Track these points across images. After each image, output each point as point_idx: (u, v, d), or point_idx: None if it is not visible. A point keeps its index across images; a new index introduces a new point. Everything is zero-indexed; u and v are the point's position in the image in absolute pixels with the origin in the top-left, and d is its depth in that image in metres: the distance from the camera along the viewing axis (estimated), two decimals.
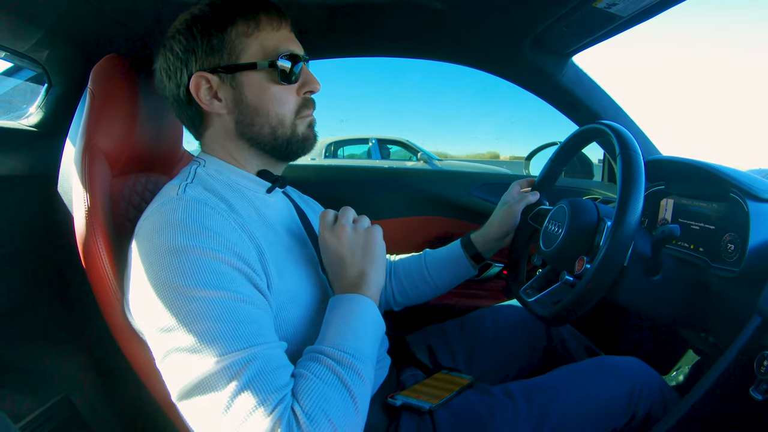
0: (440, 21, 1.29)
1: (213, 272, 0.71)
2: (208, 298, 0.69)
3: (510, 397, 0.97)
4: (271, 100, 0.87)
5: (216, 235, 0.74)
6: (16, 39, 1.07)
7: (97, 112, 0.94)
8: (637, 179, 0.88)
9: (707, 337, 1.08)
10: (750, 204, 0.98)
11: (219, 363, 0.65)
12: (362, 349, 0.77)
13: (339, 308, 0.83)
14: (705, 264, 1.06)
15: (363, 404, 0.73)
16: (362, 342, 0.79)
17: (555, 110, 1.64)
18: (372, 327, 0.83)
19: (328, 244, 0.90)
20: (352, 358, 0.75)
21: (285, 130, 0.90)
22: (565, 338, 1.30)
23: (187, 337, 0.67)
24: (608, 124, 1.01)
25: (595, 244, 0.99)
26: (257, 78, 0.86)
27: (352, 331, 0.79)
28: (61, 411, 1.04)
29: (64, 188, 1.01)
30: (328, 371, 0.72)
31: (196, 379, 0.66)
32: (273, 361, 0.70)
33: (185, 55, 0.85)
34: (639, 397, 0.97)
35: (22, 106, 1.30)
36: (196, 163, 0.91)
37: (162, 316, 0.69)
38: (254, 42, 0.86)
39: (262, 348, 0.69)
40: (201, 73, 0.85)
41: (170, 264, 0.70)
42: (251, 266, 0.76)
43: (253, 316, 0.71)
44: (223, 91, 0.86)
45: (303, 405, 0.67)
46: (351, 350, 0.76)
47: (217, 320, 0.68)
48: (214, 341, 0.66)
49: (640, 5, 1.09)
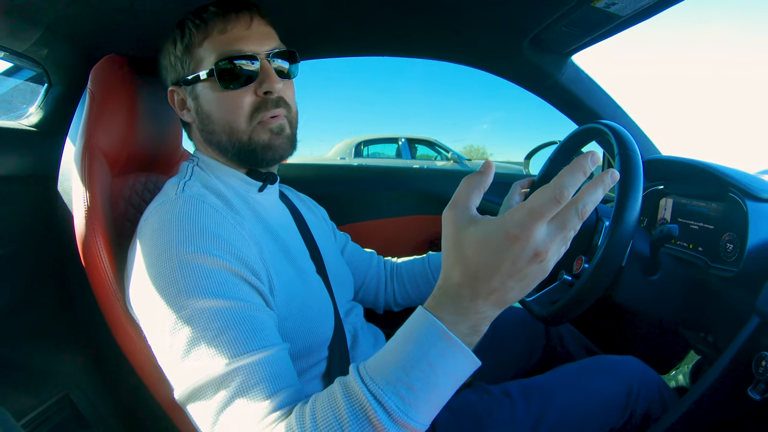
0: (439, 20, 1.29)
1: (208, 279, 0.70)
2: (204, 306, 0.68)
3: (508, 396, 0.98)
4: (220, 108, 0.87)
5: (215, 237, 0.74)
6: (16, 39, 1.07)
7: (97, 112, 0.94)
8: (636, 180, 0.88)
9: (706, 337, 1.08)
10: (749, 204, 0.98)
11: (224, 368, 0.65)
12: (415, 408, 0.56)
13: (415, 334, 0.59)
14: (704, 264, 1.06)
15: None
16: (423, 398, 0.57)
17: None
18: (449, 385, 0.59)
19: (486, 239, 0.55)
20: (386, 419, 0.56)
21: (240, 136, 0.87)
22: (565, 338, 1.30)
23: (182, 344, 0.67)
24: (607, 124, 1.01)
25: (593, 244, 0.99)
26: (206, 87, 0.87)
27: (414, 378, 0.56)
28: (61, 410, 1.04)
29: (63, 188, 1.01)
30: (361, 411, 0.57)
31: (200, 383, 0.66)
32: (269, 366, 0.67)
33: (165, 72, 0.93)
34: (637, 396, 0.98)
35: (22, 106, 1.30)
36: (192, 161, 0.92)
37: (159, 320, 0.69)
38: (207, 49, 0.85)
39: (257, 354, 0.67)
40: (172, 87, 0.91)
41: (167, 268, 0.70)
42: (253, 269, 0.76)
43: (250, 320, 0.70)
44: (189, 102, 0.91)
45: (316, 412, 0.59)
46: (396, 408, 0.55)
47: (216, 329, 0.67)
48: (214, 347, 0.66)
49: (639, 5, 1.09)
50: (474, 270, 0.55)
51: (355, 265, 1.24)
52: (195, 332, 0.67)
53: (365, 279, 1.26)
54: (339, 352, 0.92)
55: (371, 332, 1.09)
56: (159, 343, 0.71)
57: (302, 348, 0.84)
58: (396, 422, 0.55)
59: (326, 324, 0.91)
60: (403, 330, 0.60)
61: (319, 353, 0.89)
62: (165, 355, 0.70)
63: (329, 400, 0.59)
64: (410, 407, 0.56)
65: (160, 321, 0.69)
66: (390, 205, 1.84)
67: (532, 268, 0.54)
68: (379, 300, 1.28)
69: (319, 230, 1.10)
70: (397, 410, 0.55)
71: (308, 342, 0.86)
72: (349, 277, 1.13)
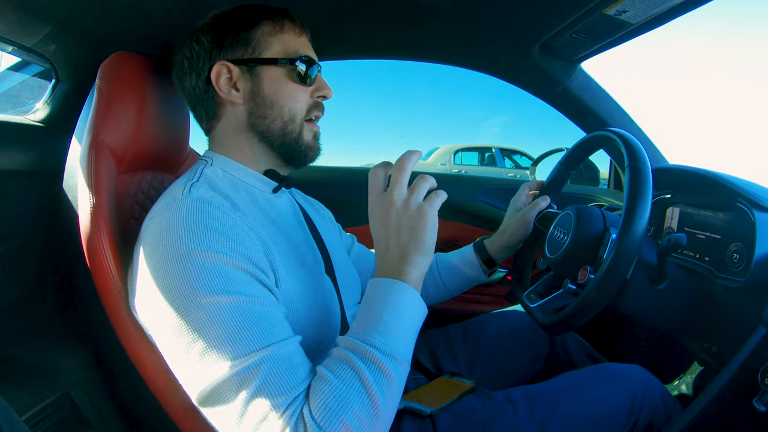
0: (449, 24, 1.29)
1: (220, 276, 0.71)
2: (216, 303, 0.69)
3: (512, 403, 0.97)
4: (286, 95, 0.91)
5: (221, 235, 0.74)
6: (24, 34, 1.07)
7: (104, 109, 0.94)
8: (645, 193, 0.88)
9: (711, 347, 1.08)
10: (756, 214, 0.98)
11: (231, 369, 0.66)
12: (393, 344, 0.72)
13: (374, 295, 0.77)
14: (710, 274, 1.05)
15: (386, 406, 0.69)
16: (394, 336, 0.72)
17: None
18: (408, 319, 0.76)
19: (374, 214, 0.82)
20: (379, 354, 0.70)
21: (294, 127, 0.92)
22: (569, 345, 1.29)
23: (198, 343, 0.68)
24: (619, 133, 1.01)
25: (599, 256, 0.98)
26: (276, 73, 0.91)
27: (383, 324, 0.73)
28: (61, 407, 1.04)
29: (69, 185, 1.00)
30: (350, 369, 0.69)
31: (211, 385, 0.67)
32: (285, 360, 0.69)
33: (211, 46, 0.90)
34: (641, 405, 0.97)
35: (29, 102, 1.30)
36: (203, 162, 0.92)
37: (171, 321, 0.69)
38: (277, 42, 0.91)
39: (274, 348, 0.69)
40: (224, 62, 0.89)
41: (177, 268, 0.70)
42: (258, 265, 0.76)
43: (264, 315, 0.71)
44: (242, 82, 0.90)
45: (314, 407, 0.65)
46: (380, 345, 0.71)
47: (227, 325, 0.68)
48: (224, 346, 0.67)
49: (650, 13, 1.09)
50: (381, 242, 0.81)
51: (362, 266, 1.25)
52: (211, 330, 0.68)
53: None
54: None
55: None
56: (172, 345, 0.71)
57: (308, 348, 0.84)
58: (385, 354, 0.70)
59: (333, 325, 0.91)
60: (366, 299, 0.78)
61: (325, 354, 0.89)
62: (180, 356, 0.70)
63: (336, 361, 0.71)
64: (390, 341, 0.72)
65: (173, 322, 0.69)
66: None
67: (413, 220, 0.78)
68: None
69: (327, 232, 1.10)
70: (382, 343, 0.71)
71: (315, 342, 0.86)
72: (356, 278, 1.13)
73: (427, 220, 0.77)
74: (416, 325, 0.77)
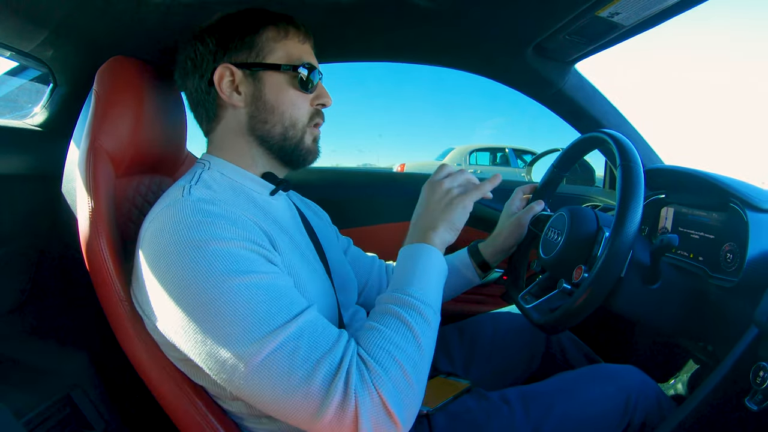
0: (444, 28, 1.29)
1: (235, 258, 0.72)
2: (241, 283, 0.70)
3: (507, 403, 0.98)
4: (288, 101, 0.92)
5: (226, 222, 0.75)
6: (22, 38, 1.07)
7: (102, 114, 0.94)
8: (636, 192, 0.88)
9: (706, 347, 1.08)
10: (749, 214, 0.99)
11: (274, 341, 0.68)
12: (427, 293, 0.82)
13: (406, 257, 0.88)
14: (704, 273, 1.06)
15: (428, 345, 0.78)
16: (426, 286, 0.83)
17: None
18: (435, 273, 0.86)
19: (423, 193, 0.98)
20: (416, 300, 0.79)
21: (296, 133, 0.93)
22: (565, 346, 1.30)
23: (233, 326, 0.68)
24: (610, 134, 1.01)
25: (593, 255, 0.99)
26: (278, 79, 0.91)
27: (417, 277, 0.83)
28: (62, 409, 1.04)
29: (68, 189, 1.01)
30: (394, 317, 0.77)
31: (259, 363, 0.68)
32: (318, 321, 0.74)
33: (216, 48, 0.91)
34: (635, 405, 0.98)
35: (27, 106, 1.31)
36: (200, 165, 0.92)
37: (196, 312, 0.70)
38: (281, 48, 0.92)
39: (305, 314, 0.73)
40: (227, 64, 0.90)
41: (191, 257, 0.71)
42: (265, 246, 0.78)
43: (285, 287, 0.75)
44: (245, 85, 0.91)
45: (368, 349, 0.73)
46: (415, 293, 0.80)
47: (257, 301, 0.70)
48: (258, 323, 0.69)
49: (643, 15, 1.10)
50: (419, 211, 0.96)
51: (358, 268, 1.25)
52: (235, 313, 0.69)
53: (367, 282, 1.27)
54: None
55: None
56: (199, 337, 0.70)
57: None
58: (422, 301, 0.80)
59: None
60: (400, 261, 0.89)
61: None
62: (214, 345, 0.69)
63: (380, 314, 0.80)
64: (425, 291, 0.82)
65: (200, 311, 0.70)
66: (392, 210, 1.85)
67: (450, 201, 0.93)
68: None
69: (324, 233, 1.11)
70: (418, 293, 0.81)
71: None
72: (353, 280, 1.14)
73: (460, 204, 0.92)
74: (442, 281, 0.89)
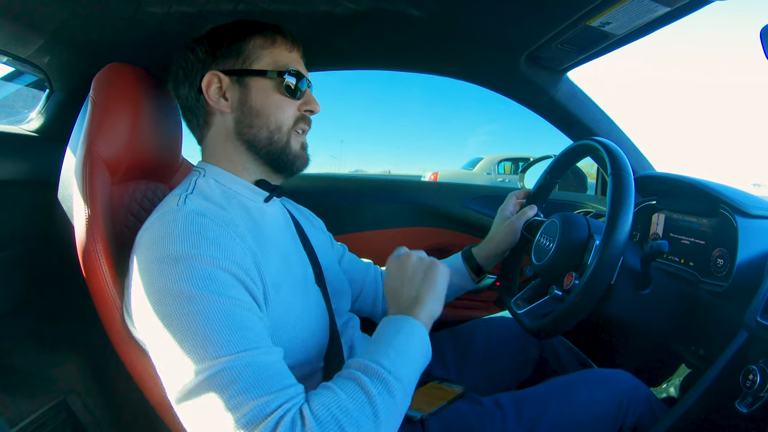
0: (437, 36, 1.31)
1: (209, 278, 0.71)
2: (204, 302, 0.69)
3: (500, 407, 0.99)
4: (273, 106, 0.93)
5: (213, 243, 0.75)
6: (19, 44, 1.07)
7: (98, 120, 0.95)
8: (626, 200, 0.90)
9: (697, 350, 1.10)
10: (739, 220, 1.00)
11: (216, 366, 0.66)
12: (400, 367, 0.74)
13: (384, 328, 0.82)
14: (695, 278, 1.08)
15: (387, 421, 0.69)
16: (402, 360, 0.75)
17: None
18: (417, 349, 0.80)
19: (391, 270, 0.93)
20: (384, 371, 0.71)
21: (281, 137, 0.94)
22: (558, 351, 1.31)
23: (183, 342, 0.68)
24: (602, 142, 1.03)
25: (583, 262, 1.00)
26: (265, 84, 0.92)
27: (393, 348, 0.76)
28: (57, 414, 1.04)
29: (64, 195, 1.01)
30: (355, 384, 0.70)
31: (195, 382, 0.66)
32: (274, 366, 0.70)
33: (205, 56, 0.92)
34: (627, 409, 0.98)
35: (23, 111, 1.31)
36: (196, 173, 0.93)
37: (159, 322, 0.70)
38: (268, 55, 0.94)
39: (259, 352, 0.69)
40: (215, 71, 0.91)
41: (167, 271, 0.71)
42: (249, 275, 0.77)
43: (249, 321, 0.72)
44: (231, 91, 0.92)
45: (313, 408, 0.65)
46: (386, 364, 0.72)
47: (213, 324, 0.68)
48: (210, 345, 0.67)
49: (633, 24, 1.11)
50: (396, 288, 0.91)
51: (353, 275, 1.25)
52: (196, 329, 0.68)
53: (362, 289, 1.27)
54: (335, 362, 0.93)
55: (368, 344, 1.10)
56: (155, 344, 0.71)
57: (297, 358, 0.85)
58: (391, 373, 0.72)
59: (322, 334, 0.92)
60: (378, 332, 0.83)
61: (314, 364, 0.90)
62: (163, 355, 0.70)
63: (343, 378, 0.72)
64: (397, 364, 0.74)
65: (158, 320, 0.70)
66: (386, 216, 1.85)
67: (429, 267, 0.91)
68: (376, 310, 1.29)
69: (318, 241, 1.11)
70: (389, 365, 0.73)
71: (303, 352, 0.87)
72: (346, 287, 1.14)
73: (438, 269, 0.90)
74: (421, 362, 0.81)
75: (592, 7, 1.04)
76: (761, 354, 0.84)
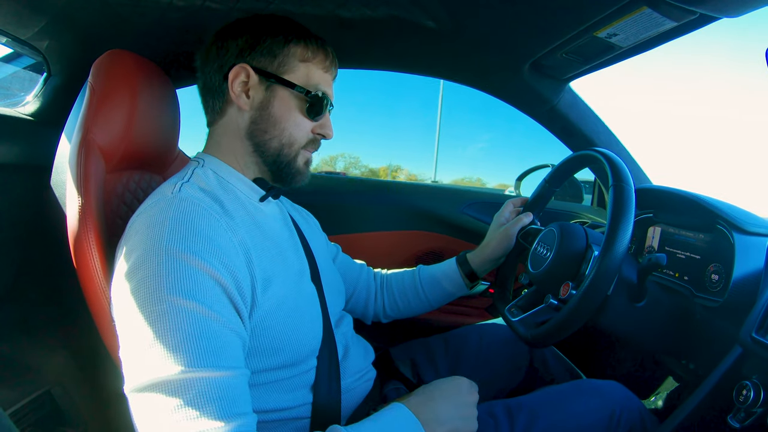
0: (444, 42, 1.31)
1: (192, 281, 0.70)
2: (178, 306, 0.68)
3: (493, 417, 0.98)
4: (291, 120, 0.92)
5: (205, 239, 0.73)
6: (19, 25, 1.06)
7: (96, 107, 0.93)
8: (627, 213, 0.90)
9: (688, 365, 1.10)
10: (736, 236, 1.00)
11: (173, 374, 0.64)
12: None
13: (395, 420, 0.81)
14: (689, 293, 1.08)
15: None
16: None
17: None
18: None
19: (453, 383, 0.91)
20: None
21: (290, 151, 0.93)
22: (548, 360, 1.31)
23: (148, 337, 0.66)
24: (604, 153, 1.03)
25: (581, 272, 1.00)
26: (290, 97, 0.92)
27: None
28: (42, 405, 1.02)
29: (57, 181, 0.99)
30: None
31: (150, 381, 0.65)
32: (234, 390, 0.68)
33: (243, 45, 0.90)
34: (618, 420, 0.98)
35: (19, 93, 1.29)
36: (194, 163, 0.92)
37: (130, 311, 0.69)
38: (303, 68, 0.92)
39: (221, 373, 0.67)
40: (245, 65, 0.89)
41: (152, 263, 0.70)
42: (235, 277, 0.75)
43: (223, 337, 0.70)
44: (255, 91, 0.91)
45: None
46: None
47: (181, 331, 0.67)
48: (173, 350, 0.66)
49: (640, 37, 1.11)
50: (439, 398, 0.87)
51: (346, 275, 1.25)
52: (165, 329, 0.66)
53: (355, 289, 1.27)
54: (328, 361, 0.92)
55: (361, 345, 1.10)
56: (126, 331, 0.70)
57: (290, 356, 0.84)
58: None
59: (315, 332, 0.91)
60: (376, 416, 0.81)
61: (307, 363, 0.89)
62: (127, 344, 0.69)
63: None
64: None
65: (134, 310, 0.68)
66: (381, 218, 1.84)
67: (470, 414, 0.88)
68: (368, 311, 1.29)
69: (314, 239, 1.11)
70: None
71: (296, 350, 0.85)
72: (341, 286, 1.14)
73: (472, 421, 0.88)
74: None
75: (600, 18, 1.04)
76: (755, 370, 0.85)
